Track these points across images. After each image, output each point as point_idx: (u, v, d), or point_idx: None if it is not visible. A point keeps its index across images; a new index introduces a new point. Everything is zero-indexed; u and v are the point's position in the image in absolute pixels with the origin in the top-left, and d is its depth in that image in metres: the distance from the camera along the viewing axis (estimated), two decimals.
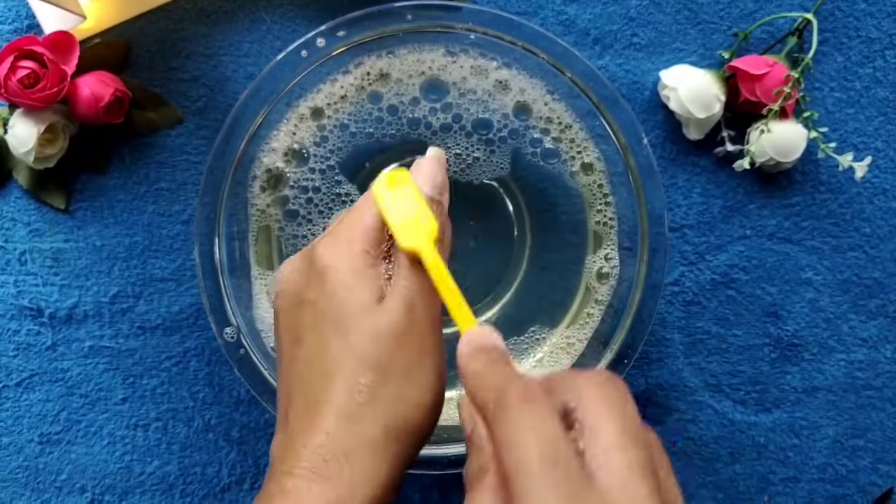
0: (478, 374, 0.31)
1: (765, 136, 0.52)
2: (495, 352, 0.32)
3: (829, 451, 0.56)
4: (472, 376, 0.31)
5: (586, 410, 0.28)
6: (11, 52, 0.48)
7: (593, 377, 0.30)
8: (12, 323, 0.54)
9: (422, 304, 0.36)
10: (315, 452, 0.33)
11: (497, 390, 0.29)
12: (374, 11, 0.47)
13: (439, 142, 0.50)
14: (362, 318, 0.35)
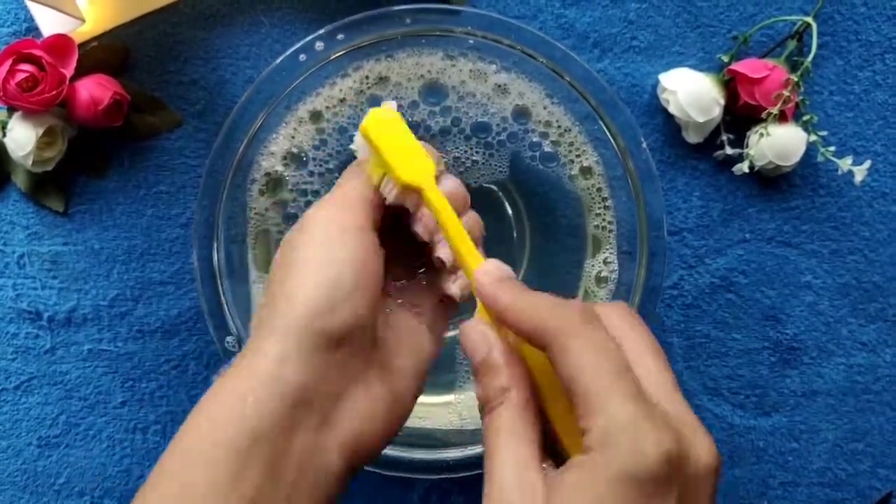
0: (517, 300, 0.33)
1: (764, 140, 0.52)
2: (517, 282, 0.34)
3: (829, 455, 0.56)
4: (512, 302, 0.33)
5: (626, 337, 0.32)
6: (10, 55, 0.48)
7: (623, 308, 0.34)
8: (11, 326, 0.54)
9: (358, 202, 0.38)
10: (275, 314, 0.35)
11: (555, 314, 0.31)
12: (373, 15, 0.47)
13: (438, 145, 0.50)
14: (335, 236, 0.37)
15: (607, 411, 0.28)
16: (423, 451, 0.48)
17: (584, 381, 0.29)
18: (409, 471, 0.48)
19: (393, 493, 0.54)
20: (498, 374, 0.33)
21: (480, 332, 0.34)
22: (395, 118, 0.39)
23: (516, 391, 0.32)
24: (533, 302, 0.32)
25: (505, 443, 0.31)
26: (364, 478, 0.54)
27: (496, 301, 0.34)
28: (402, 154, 0.38)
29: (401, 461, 0.48)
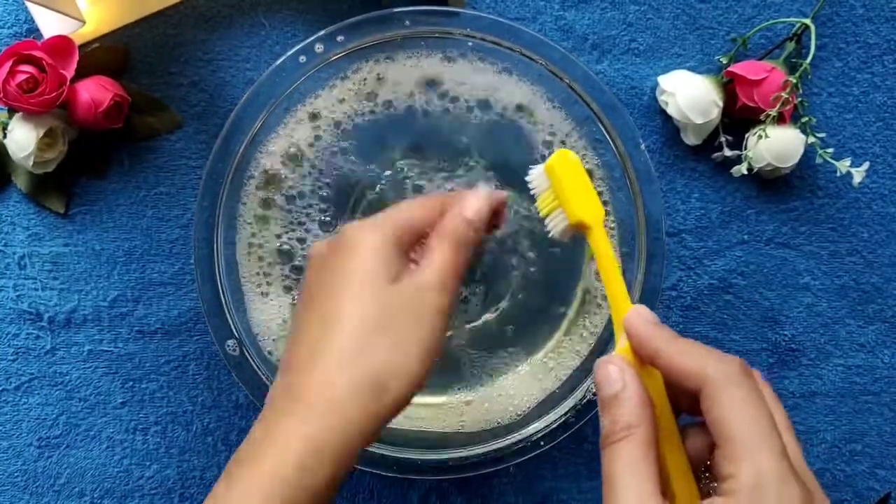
0: (674, 344, 0.35)
1: (763, 142, 0.52)
2: (667, 327, 0.37)
3: (827, 455, 0.56)
4: (667, 345, 0.35)
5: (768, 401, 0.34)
6: (10, 56, 0.48)
7: (757, 373, 0.36)
8: (11, 327, 0.54)
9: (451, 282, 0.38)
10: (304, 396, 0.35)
11: (715, 362, 0.33)
12: (373, 17, 0.47)
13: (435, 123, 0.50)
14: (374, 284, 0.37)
15: (759, 461, 0.31)
16: (423, 451, 0.49)
17: (738, 428, 0.32)
18: (410, 471, 0.48)
19: (393, 494, 0.55)
20: (629, 408, 0.35)
21: (620, 366, 0.36)
22: (578, 161, 0.41)
23: (644, 428, 0.34)
24: (690, 347, 0.35)
25: (631, 475, 0.33)
26: (364, 478, 0.54)
27: (650, 341, 0.36)
28: (579, 193, 0.41)
29: (401, 462, 0.48)
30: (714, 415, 0.32)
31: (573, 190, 0.41)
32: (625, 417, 0.34)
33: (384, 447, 0.48)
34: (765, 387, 0.36)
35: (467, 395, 0.52)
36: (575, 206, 0.41)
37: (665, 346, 0.35)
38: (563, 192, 0.41)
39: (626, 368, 0.36)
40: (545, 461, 0.55)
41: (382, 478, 0.54)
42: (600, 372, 0.37)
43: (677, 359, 0.34)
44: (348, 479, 0.54)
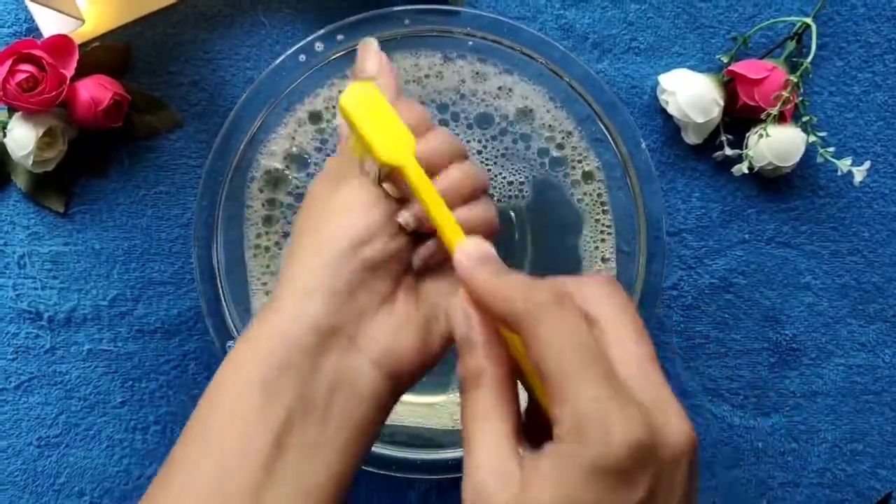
0: (490, 283, 0.32)
1: (763, 141, 0.52)
2: (495, 261, 0.34)
3: (828, 455, 0.56)
4: (485, 285, 0.32)
5: (600, 313, 0.31)
6: (10, 55, 0.48)
7: (599, 281, 0.33)
8: (11, 326, 0.54)
9: None
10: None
11: (524, 297, 0.30)
12: (372, 16, 0.47)
13: None
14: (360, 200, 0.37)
15: (575, 399, 0.28)
16: (423, 451, 0.49)
17: (551, 367, 0.28)
18: (409, 471, 0.48)
19: (392, 494, 0.54)
20: (475, 352, 0.32)
21: (463, 309, 0.33)
22: (374, 93, 0.37)
23: (492, 370, 0.31)
24: (505, 284, 0.31)
25: (481, 427, 0.30)
26: (363, 478, 0.54)
27: (471, 283, 0.33)
28: (383, 131, 0.36)
29: (400, 461, 0.48)
30: (532, 354, 0.29)
31: (374, 130, 0.36)
32: (471, 361, 0.32)
33: (383, 446, 0.48)
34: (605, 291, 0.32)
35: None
36: (379, 147, 0.36)
37: (483, 286, 0.32)
38: (364, 134, 0.36)
39: (469, 309, 0.33)
40: None
41: (381, 477, 0.54)
42: (449, 315, 0.34)
43: (492, 300, 0.31)
44: None
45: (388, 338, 0.36)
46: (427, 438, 0.50)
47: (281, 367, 0.34)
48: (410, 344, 0.36)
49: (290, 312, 0.35)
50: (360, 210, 0.37)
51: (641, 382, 0.30)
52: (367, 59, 0.41)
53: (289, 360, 0.34)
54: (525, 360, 0.32)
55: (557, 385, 0.28)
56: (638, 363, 0.30)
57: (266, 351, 0.34)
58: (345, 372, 0.35)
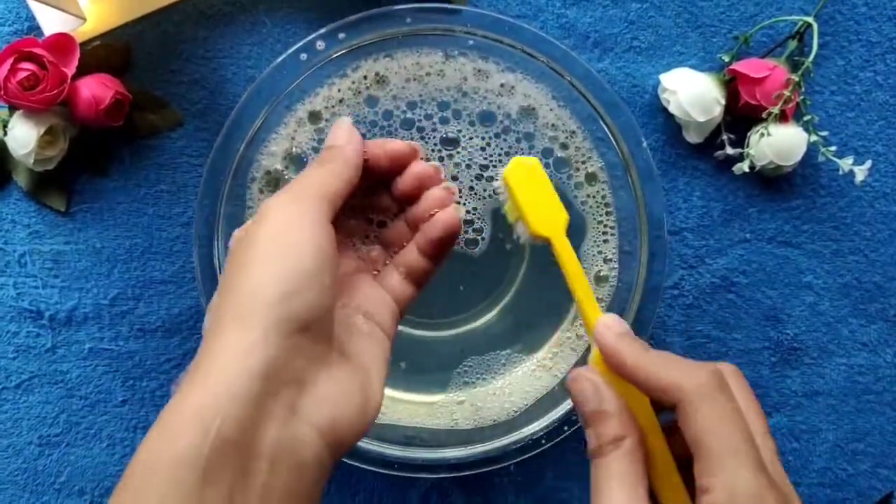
0: (644, 358, 0.35)
1: (765, 140, 0.52)
2: (636, 338, 0.37)
3: (829, 455, 0.56)
4: (639, 359, 0.35)
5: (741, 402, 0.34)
6: (11, 53, 0.48)
7: (735, 372, 0.37)
8: (12, 325, 0.54)
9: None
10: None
11: (688, 377, 0.33)
12: (374, 14, 0.47)
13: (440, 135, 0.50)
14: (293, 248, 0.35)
15: (734, 474, 0.31)
16: (424, 450, 0.49)
17: (714, 443, 0.32)
18: (410, 470, 0.48)
19: (393, 492, 0.54)
20: (612, 421, 0.35)
21: (592, 383, 0.37)
22: (535, 167, 0.41)
23: (630, 439, 0.35)
24: (661, 360, 0.35)
25: (619, 486, 0.34)
26: (365, 477, 0.54)
27: (620, 354, 0.36)
28: (538, 203, 0.41)
29: (401, 460, 0.48)
30: (690, 431, 0.33)
31: (530, 200, 0.41)
32: (609, 431, 0.35)
33: (384, 445, 0.48)
34: (742, 390, 0.36)
35: (461, 395, 0.52)
36: (532, 218, 0.40)
37: (636, 361, 0.35)
38: (520, 203, 0.41)
39: (600, 382, 0.36)
40: (546, 460, 0.54)
41: (383, 476, 0.54)
42: (575, 388, 0.37)
43: (649, 374, 0.35)
44: (343, 471, 0.54)
45: (329, 406, 0.34)
46: (426, 438, 0.50)
47: (219, 443, 0.30)
48: (353, 411, 0.35)
49: (222, 386, 0.31)
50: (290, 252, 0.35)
51: (775, 472, 0.34)
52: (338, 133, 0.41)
53: (227, 433, 0.30)
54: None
55: (717, 459, 0.32)
56: (770, 455, 0.34)
57: (198, 427, 0.30)
58: (287, 443, 0.32)
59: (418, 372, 0.52)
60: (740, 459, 0.32)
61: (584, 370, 0.38)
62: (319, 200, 0.37)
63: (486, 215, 0.51)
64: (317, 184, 0.38)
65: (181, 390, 0.32)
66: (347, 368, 0.36)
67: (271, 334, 0.32)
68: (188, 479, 0.30)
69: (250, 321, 0.33)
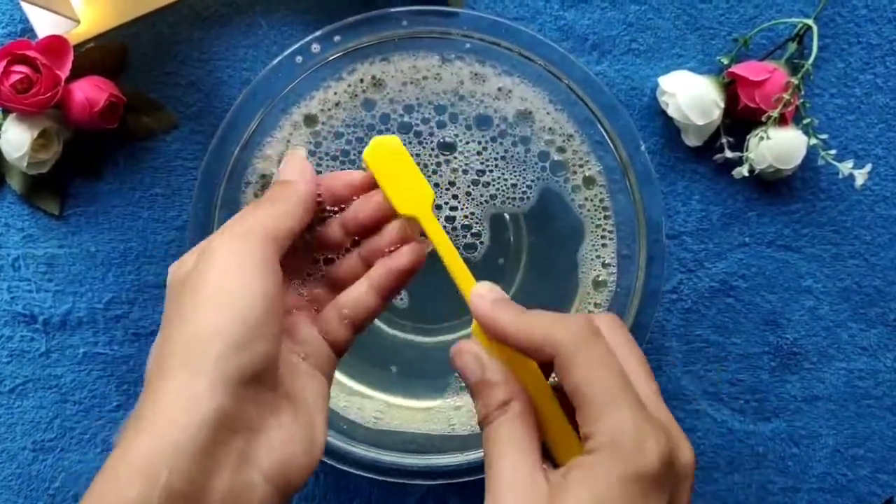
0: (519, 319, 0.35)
1: (764, 143, 0.51)
2: (511, 302, 0.37)
3: (829, 460, 0.56)
4: (514, 321, 0.35)
5: (617, 348, 0.35)
6: (4, 56, 0.48)
7: (611, 319, 0.37)
8: (5, 329, 0.53)
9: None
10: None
11: (562, 329, 0.33)
12: (370, 17, 0.47)
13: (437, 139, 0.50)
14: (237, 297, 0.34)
15: (613, 417, 0.31)
16: (419, 456, 0.48)
17: (591, 391, 0.32)
18: (406, 476, 0.48)
19: (389, 499, 0.54)
20: (497, 389, 0.35)
21: (473, 353, 0.36)
22: (396, 146, 0.40)
23: (516, 402, 0.35)
24: (535, 319, 0.35)
25: (510, 450, 0.33)
26: (361, 483, 0.54)
27: (496, 320, 0.36)
28: (402, 183, 0.40)
29: (397, 467, 0.48)
30: (569, 381, 0.33)
31: (393, 182, 0.40)
32: (495, 398, 0.35)
33: (380, 452, 0.48)
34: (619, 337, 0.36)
35: (458, 401, 0.52)
36: (395, 200, 0.40)
37: (512, 324, 0.35)
38: (382, 185, 0.40)
39: (481, 352, 0.36)
40: None
41: (378, 483, 0.53)
42: (459, 362, 0.37)
43: (526, 334, 0.34)
44: (339, 478, 0.54)
45: (279, 452, 0.34)
46: (422, 444, 0.50)
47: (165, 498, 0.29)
48: (301, 454, 0.35)
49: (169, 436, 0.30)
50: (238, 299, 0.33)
51: (657, 410, 0.34)
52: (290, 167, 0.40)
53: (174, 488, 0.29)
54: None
55: (596, 406, 0.32)
56: (652, 395, 0.35)
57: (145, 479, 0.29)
58: (236, 492, 0.32)
59: (415, 377, 0.52)
60: (618, 403, 0.32)
61: (465, 343, 0.37)
62: (268, 242, 0.36)
63: (485, 220, 0.50)
64: (265, 224, 0.36)
65: (126, 437, 0.31)
66: (292, 411, 0.35)
67: (220, 384, 0.31)
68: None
69: (198, 369, 0.31)
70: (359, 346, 0.52)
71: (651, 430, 0.32)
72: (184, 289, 0.34)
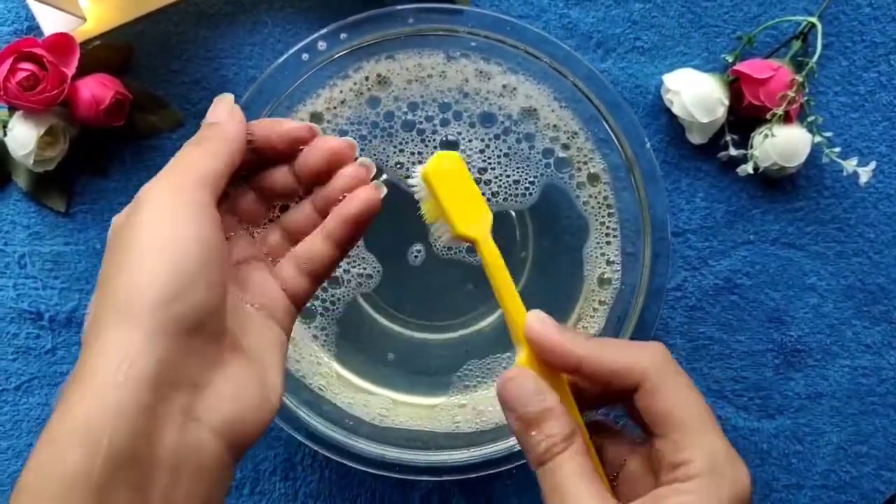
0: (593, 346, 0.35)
1: (769, 141, 0.52)
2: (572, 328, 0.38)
3: (833, 457, 0.56)
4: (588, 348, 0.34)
5: None
6: (11, 53, 0.48)
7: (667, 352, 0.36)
8: (11, 326, 0.54)
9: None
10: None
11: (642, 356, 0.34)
12: (376, 14, 0.47)
13: (441, 138, 0.50)
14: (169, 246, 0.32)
15: (708, 443, 0.32)
16: (425, 452, 0.48)
17: (685, 416, 0.33)
18: (411, 472, 0.48)
19: (394, 495, 0.54)
20: (562, 420, 0.34)
21: (533, 380, 0.35)
22: (458, 165, 0.38)
23: (580, 435, 0.34)
24: (613, 345, 0.35)
25: (586, 484, 0.33)
26: (366, 479, 0.54)
27: (568, 346, 0.35)
28: (461, 202, 0.38)
29: (402, 463, 0.48)
30: (659, 406, 0.33)
31: (453, 199, 0.37)
32: (559, 429, 0.34)
33: (385, 448, 0.48)
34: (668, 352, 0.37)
35: (462, 398, 0.52)
36: (456, 219, 0.37)
37: (585, 350, 0.34)
38: (443, 202, 0.37)
39: (539, 381, 0.35)
40: None
41: (384, 479, 0.53)
42: (512, 390, 0.35)
43: (603, 360, 0.34)
44: (343, 473, 0.54)
45: (227, 406, 0.32)
46: (427, 441, 0.50)
47: (109, 462, 0.28)
48: (253, 409, 0.33)
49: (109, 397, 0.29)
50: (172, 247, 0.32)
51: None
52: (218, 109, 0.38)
53: (120, 445, 0.28)
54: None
55: (690, 431, 0.33)
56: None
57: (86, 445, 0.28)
58: (185, 450, 0.30)
59: (420, 374, 0.52)
60: (709, 428, 0.33)
61: (519, 370, 0.35)
62: (200, 186, 0.34)
63: None
64: (195, 166, 0.35)
65: (64, 401, 0.29)
66: (242, 363, 0.34)
67: (158, 337, 0.30)
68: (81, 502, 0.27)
69: (133, 322, 0.30)
70: (364, 343, 0.52)
71: (739, 458, 0.33)
72: (118, 241, 0.33)
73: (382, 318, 0.53)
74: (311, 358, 0.51)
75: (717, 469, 0.32)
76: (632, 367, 0.34)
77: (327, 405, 0.50)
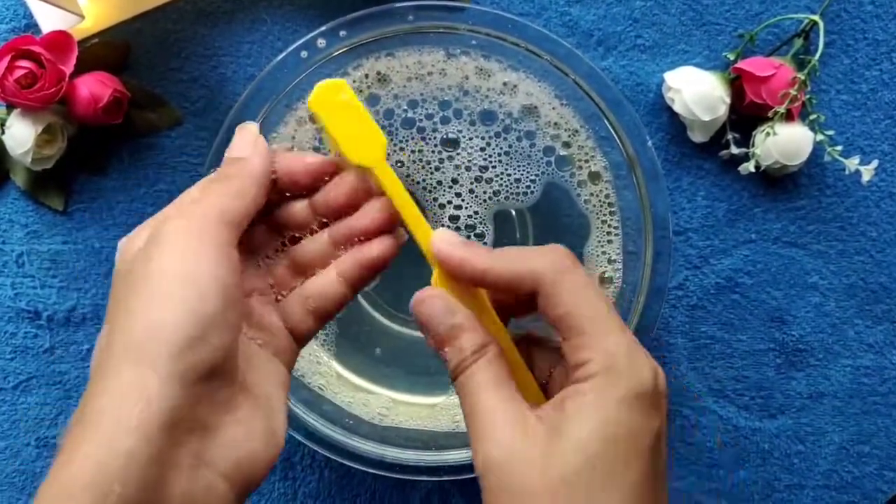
0: (492, 257, 0.35)
1: (770, 139, 0.51)
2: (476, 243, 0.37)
3: (835, 457, 0.56)
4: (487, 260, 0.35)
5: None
6: (9, 51, 0.48)
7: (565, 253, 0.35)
8: (9, 325, 0.53)
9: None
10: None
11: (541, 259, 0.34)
12: (376, 12, 0.46)
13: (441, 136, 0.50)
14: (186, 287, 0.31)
15: (607, 341, 0.32)
16: (425, 452, 0.48)
17: (581, 315, 0.33)
18: (411, 472, 0.48)
19: (394, 495, 0.54)
20: (472, 333, 0.35)
21: (442, 299, 0.36)
22: (346, 91, 0.37)
23: (493, 345, 0.35)
24: (510, 253, 0.35)
25: (495, 392, 0.33)
26: (365, 479, 0.54)
27: (469, 260, 0.35)
28: (352, 131, 0.37)
29: (402, 463, 0.48)
30: (557, 309, 0.33)
31: (343, 129, 0.37)
32: (471, 342, 0.34)
33: (385, 448, 0.48)
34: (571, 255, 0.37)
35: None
36: (347, 148, 0.37)
37: (486, 262, 0.35)
38: (331, 133, 0.37)
39: (448, 298, 0.36)
40: None
41: (383, 479, 0.53)
42: (423, 309, 0.36)
43: (503, 270, 0.34)
44: (343, 473, 0.54)
45: (237, 450, 0.32)
46: (427, 440, 0.50)
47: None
48: (260, 449, 0.33)
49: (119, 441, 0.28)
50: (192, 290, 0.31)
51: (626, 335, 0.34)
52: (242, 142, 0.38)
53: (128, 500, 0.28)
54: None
55: (588, 333, 0.32)
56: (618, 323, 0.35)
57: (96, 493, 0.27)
58: (193, 495, 0.30)
59: (420, 374, 0.52)
60: (609, 326, 0.33)
61: (429, 289, 0.36)
62: (222, 226, 0.33)
63: (488, 219, 0.50)
64: (218, 205, 0.34)
65: (71, 441, 0.28)
66: (250, 404, 0.33)
67: (175, 382, 0.29)
68: None
69: (148, 365, 0.29)
70: (363, 342, 0.52)
71: (639, 351, 0.33)
72: (132, 275, 0.32)
73: (382, 317, 0.53)
74: (310, 357, 0.51)
75: (615, 367, 0.32)
76: (529, 273, 0.34)
77: (327, 404, 0.50)
